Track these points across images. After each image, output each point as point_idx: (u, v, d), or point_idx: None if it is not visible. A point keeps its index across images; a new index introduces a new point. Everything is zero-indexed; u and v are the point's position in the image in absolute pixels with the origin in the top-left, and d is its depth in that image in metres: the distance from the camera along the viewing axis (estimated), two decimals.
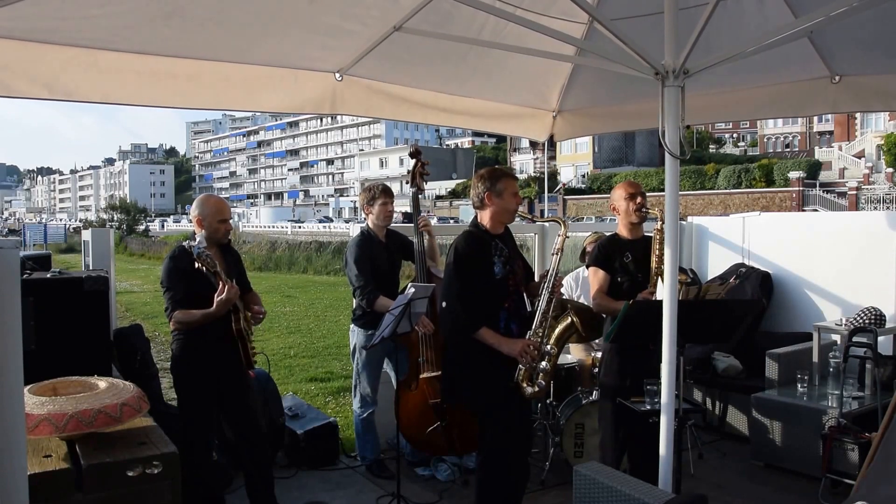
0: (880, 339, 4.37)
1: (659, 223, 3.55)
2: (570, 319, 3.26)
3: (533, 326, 3.19)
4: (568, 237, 3.32)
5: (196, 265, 3.17)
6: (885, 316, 4.66)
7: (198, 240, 3.33)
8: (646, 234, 3.77)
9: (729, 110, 4.61)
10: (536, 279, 3.45)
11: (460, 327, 3.12)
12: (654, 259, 3.57)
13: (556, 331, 3.25)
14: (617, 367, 3.57)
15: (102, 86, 3.09)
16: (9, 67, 2.84)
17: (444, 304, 3.18)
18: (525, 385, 3.14)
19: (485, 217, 3.26)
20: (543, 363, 3.15)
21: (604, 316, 3.69)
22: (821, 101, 4.18)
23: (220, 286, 3.20)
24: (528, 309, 3.36)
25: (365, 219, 4.46)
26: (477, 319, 3.10)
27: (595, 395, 4.24)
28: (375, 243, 4.32)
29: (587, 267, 3.84)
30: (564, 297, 4.54)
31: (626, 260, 3.62)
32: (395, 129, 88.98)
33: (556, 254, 3.27)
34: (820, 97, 4.14)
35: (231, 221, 3.72)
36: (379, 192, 4.33)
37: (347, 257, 4.33)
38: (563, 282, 4.90)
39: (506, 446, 3.14)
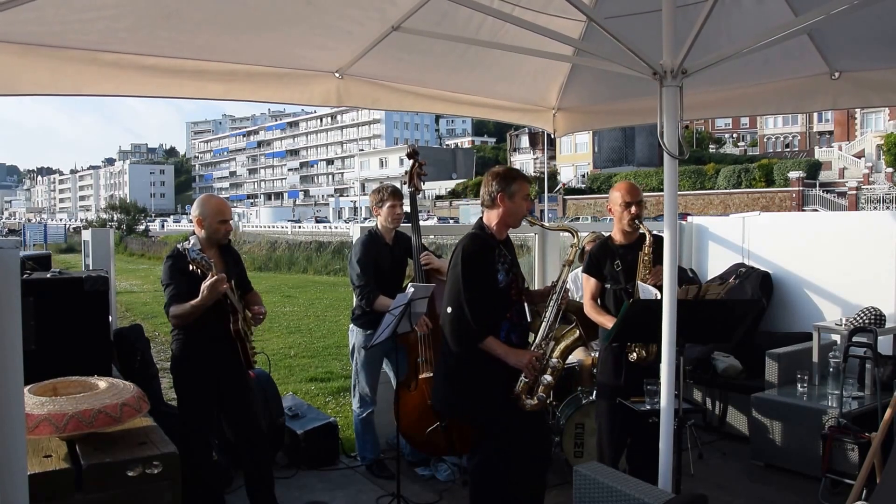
0: (880, 339, 4.36)
1: (647, 246, 3.50)
2: (577, 333, 3.18)
3: (538, 338, 3.12)
4: (581, 247, 3.26)
5: (191, 267, 3.17)
6: (885, 316, 4.66)
7: (191, 242, 3.31)
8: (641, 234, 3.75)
9: (728, 106, 4.62)
10: (538, 286, 3.41)
11: (466, 335, 2.99)
12: (639, 272, 3.51)
13: (563, 344, 3.16)
14: (612, 367, 3.56)
15: (108, 79, 3.11)
16: (12, 66, 2.85)
17: (448, 309, 3.04)
18: (524, 398, 3.05)
19: (492, 218, 3.14)
20: (547, 376, 3.07)
21: None
22: (821, 97, 4.19)
23: (209, 276, 3.18)
24: (528, 319, 3.27)
25: (375, 219, 4.45)
26: (484, 328, 2.99)
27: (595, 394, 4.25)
28: (381, 244, 4.32)
29: (581, 272, 3.83)
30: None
31: (616, 268, 3.59)
32: (395, 129, 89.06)
33: (567, 265, 3.21)
34: (820, 93, 4.15)
35: (231, 222, 3.71)
36: (388, 195, 4.32)
37: (351, 256, 4.34)
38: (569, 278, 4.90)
39: (502, 460, 3.07)
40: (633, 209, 3.55)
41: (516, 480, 3.13)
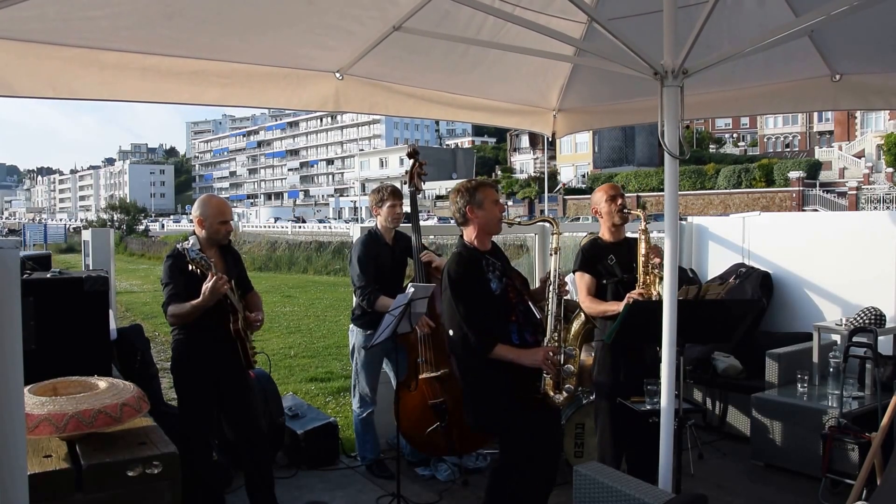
0: (880, 339, 4.36)
1: (642, 223, 3.55)
2: (583, 316, 3.21)
3: (548, 331, 3.12)
4: (562, 233, 3.29)
5: (190, 267, 3.17)
6: (885, 316, 4.66)
7: (191, 242, 3.31)
8: (628, 235, 3.78)
9: (729, 106, 4.62)
10: (538, 283, 3.42)
11: (474, 350, 3.01)
12: (640, 259, 3.54)
13: (573, 330, 3.19)
14: (610, 366, 3.57)
15: (105, 83, 3.10)
16: (11, 67, 2.85)
17: (451, 332, 3.07)
18: (553, 393, 3.07)
19: (470, 233, 3.17)
20: (568, 366, 3.08)
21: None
22: (821, 99, 4.19)
23: (209, 276, 3.18)
24: (539, 316, 3.26)
25: (375, 219, 4.45)
26: (489, 339, 3.00)
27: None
28: (382, 244, 4.32)
29: (573, 272, 3.82)
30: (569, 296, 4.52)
31: (610, 263, 3.62)
32: (396, 130, 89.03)
33: (554, 254, 3.24)
34: (821, 95, 4.15)
35: (232, 222, 3.72)
36: (388, 194, 4.32)
37: (352, 256, 4.33)
38: (567, 280, 4.90)
39: (524, 466, 3.07)
40: (618, 201, 3.64)
41: (522, 480, 3.13)
